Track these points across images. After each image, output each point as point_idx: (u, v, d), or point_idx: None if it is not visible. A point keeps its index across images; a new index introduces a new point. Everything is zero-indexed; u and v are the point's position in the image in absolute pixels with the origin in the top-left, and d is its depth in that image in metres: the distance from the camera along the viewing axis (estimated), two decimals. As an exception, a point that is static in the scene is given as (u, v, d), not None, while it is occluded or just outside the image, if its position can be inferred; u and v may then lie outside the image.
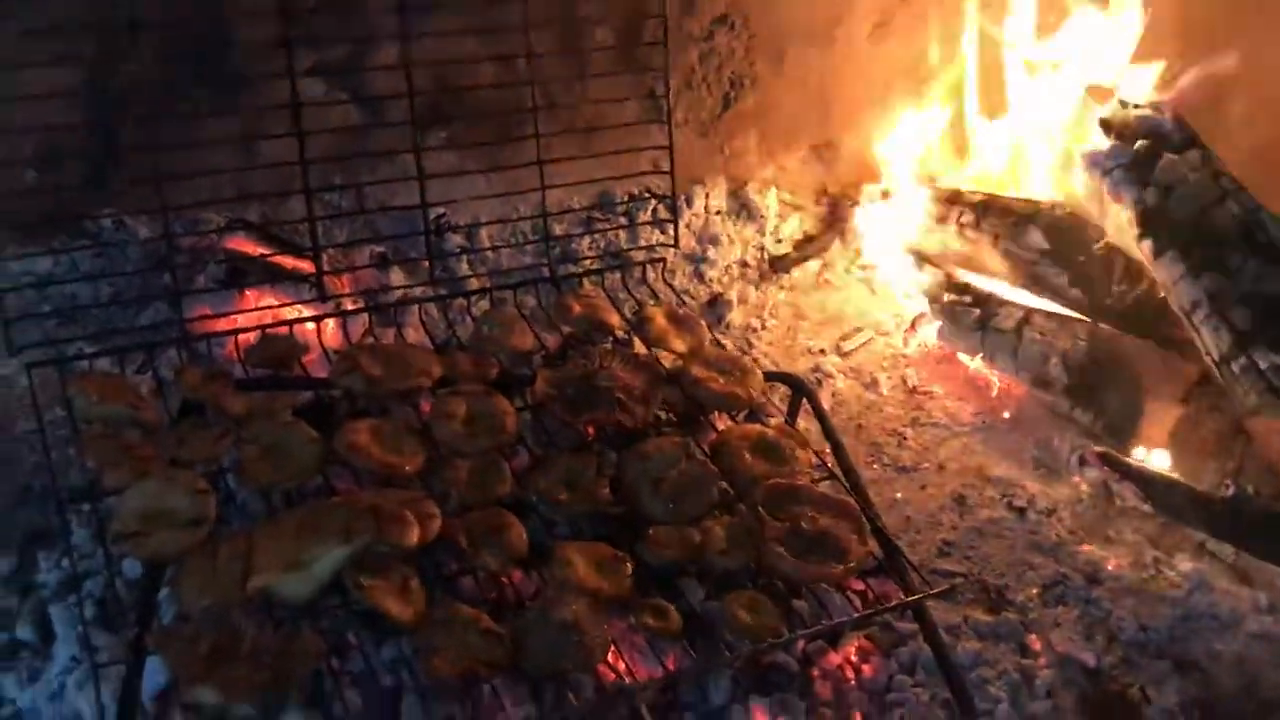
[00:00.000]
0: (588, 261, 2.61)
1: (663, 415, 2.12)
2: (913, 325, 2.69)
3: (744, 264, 2.84)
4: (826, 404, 2.50)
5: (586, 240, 2.68)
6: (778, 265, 2.86)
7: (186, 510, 1.71)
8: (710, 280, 2.77)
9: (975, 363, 2.59)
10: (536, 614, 1.65)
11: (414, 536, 1.68)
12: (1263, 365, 2.14)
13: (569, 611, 1.63)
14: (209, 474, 1.86)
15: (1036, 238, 2.57)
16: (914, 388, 2.59)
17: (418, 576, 1.68)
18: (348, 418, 1.99)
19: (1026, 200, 2.67)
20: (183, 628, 1.57)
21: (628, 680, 1.62)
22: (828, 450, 2.09)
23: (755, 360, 2.58)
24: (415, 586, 1.66)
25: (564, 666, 1.61)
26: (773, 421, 2.15)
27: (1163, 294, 2.36)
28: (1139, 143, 2.42)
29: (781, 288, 2.85)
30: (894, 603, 1.80)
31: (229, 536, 1.69)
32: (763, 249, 2.88)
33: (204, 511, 1.72)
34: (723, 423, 2.13)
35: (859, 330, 2.74)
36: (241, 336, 2.12)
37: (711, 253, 2.79)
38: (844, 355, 2.68)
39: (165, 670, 1.62)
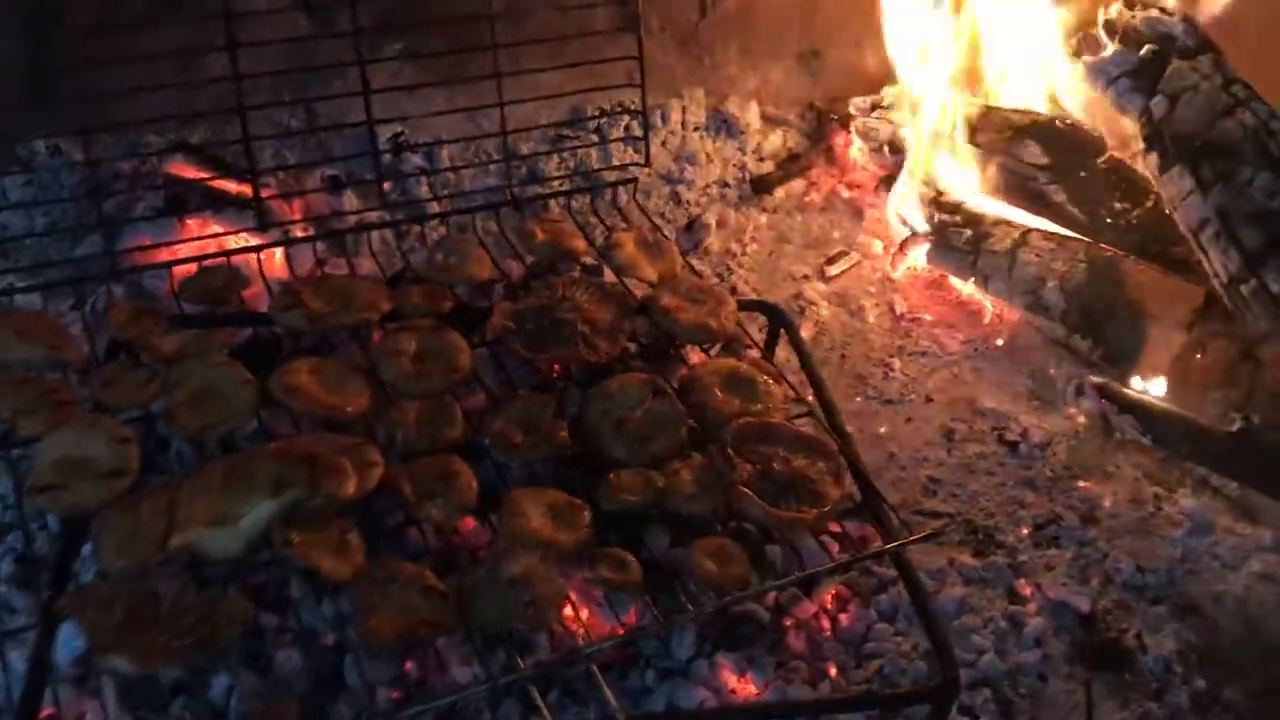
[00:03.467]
0: (556, 182, 2.46)
1: (633, 348, 1.99)
2: (901, 248, 2.53)
3: (724, 184, 2.68)
4: (809, 333, 2.38)
5: (555, 159, 2.52)
6: (759, 185, 2.70)
7: (107, 460, 1.59)
8: (687, 202, 2.61)
9: (967, 287, 2.45)
10: (484, 570, 1.53)
11: (351, 487, 1.56)
12: (1274, 288, 2.01)
13: (518, 566, 1.51)
14: (141, 419, 1.75)
15: (1034, 152, 2.40)
16: (902, 314, 2.45)
17: (357, 529, 1.56)
18: (291, 356, 1.86)
19: (1024, 111, 2.50)
20: (99, 589, 1.45)
21: (581, 639, 1.51)
22: (806, 384, 1.96)
23: (735, 287, 2.45)
24: (354, 540, 1.54)
25: (512, 626, 1.49)
26: (749, 354, 2.01)
27: (1169, 212, 2.21)
28: (1146, 48, 2.25)
29: (763, 209, 2.68)
30: (871, 550, 1.68)
31: (152, 489, 1.56)
32: (744, 168, 2.71)
33: (125, 462, 1.59)
34: (698, 356, 1.99)
35: (844, 254, 2.57)
36: (181, 269, 1.98)
37: (689, 172, 2.62)
38: (828, 281, 2.52)
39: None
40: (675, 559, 1.68)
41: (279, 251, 2.11)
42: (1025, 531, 1.98)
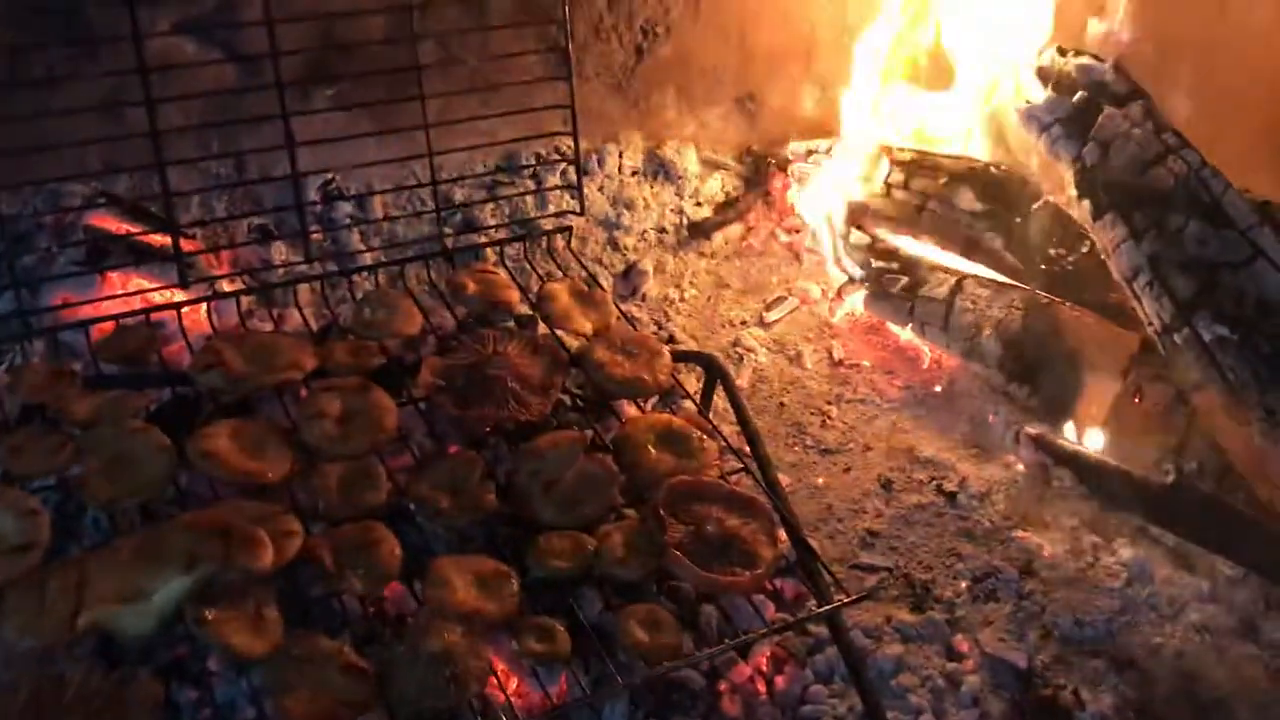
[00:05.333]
0: (492, 231, 2.43)
1: (569, 402, 1.96)
2: (839, 294, 2.52)
3: (661, 230, 2.65)
4: (747, 380, 2.36)
5: (490, 207, 2.49)
6: (697, 230, 2.68)
7: (14, 534, 1.53)
8: (625, 248, 2.59)
9: (906, 333, 2.43)
10: (405, 645, 1.48)
11: (266, 560, 1.51)
12: (1206, 337, 2.00)
13: (439, 641, 1.47)
14: (58, 487, 1.69)
15: (969, 198, 2.40)
16: (840, 361, 2.43)
17: (275, 602, 1.51)
18: (210, 418, 1.81)
19: (959, 157, 2.50)
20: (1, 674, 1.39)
21: (504, 715, 1.47)
22: (742, 436, 1.93)
23: (673, 335, 2.43)
24: (271, 614, 1.49)
25: (432, 704, 1.44)
26: (685, 406, 1.99)
27: (1103, 258, 2.21)
28: (1078, 95, 2.25)
29: (701, 255, 2.66)
30: (804, 614, 1.65)
31: (60, 564, 1.51)
32: (682, 213, 2.69)
33: (34, 535, 1.53)
34: (633, 409, 1.96)
35: (783, 299, 2.56)
36: (102, 327, 1.92)
37: (626, 218, 2.60)
38: (767, 327, 2.51)
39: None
40: (608, 624, 1.65)
41: (204, 305, 2.06)
42: (964, 585, 1.96)
